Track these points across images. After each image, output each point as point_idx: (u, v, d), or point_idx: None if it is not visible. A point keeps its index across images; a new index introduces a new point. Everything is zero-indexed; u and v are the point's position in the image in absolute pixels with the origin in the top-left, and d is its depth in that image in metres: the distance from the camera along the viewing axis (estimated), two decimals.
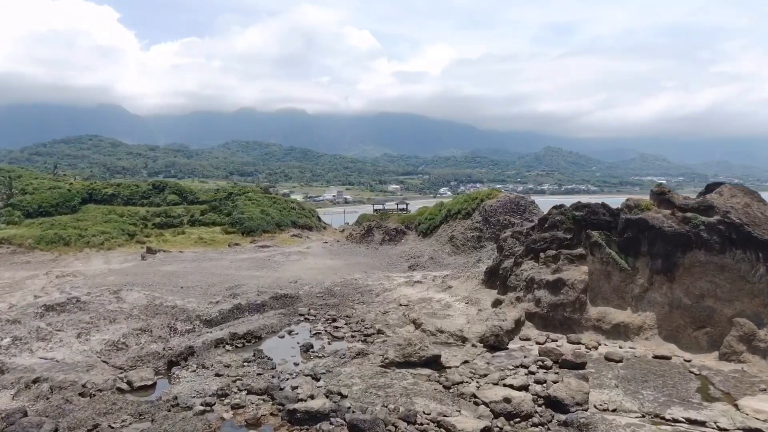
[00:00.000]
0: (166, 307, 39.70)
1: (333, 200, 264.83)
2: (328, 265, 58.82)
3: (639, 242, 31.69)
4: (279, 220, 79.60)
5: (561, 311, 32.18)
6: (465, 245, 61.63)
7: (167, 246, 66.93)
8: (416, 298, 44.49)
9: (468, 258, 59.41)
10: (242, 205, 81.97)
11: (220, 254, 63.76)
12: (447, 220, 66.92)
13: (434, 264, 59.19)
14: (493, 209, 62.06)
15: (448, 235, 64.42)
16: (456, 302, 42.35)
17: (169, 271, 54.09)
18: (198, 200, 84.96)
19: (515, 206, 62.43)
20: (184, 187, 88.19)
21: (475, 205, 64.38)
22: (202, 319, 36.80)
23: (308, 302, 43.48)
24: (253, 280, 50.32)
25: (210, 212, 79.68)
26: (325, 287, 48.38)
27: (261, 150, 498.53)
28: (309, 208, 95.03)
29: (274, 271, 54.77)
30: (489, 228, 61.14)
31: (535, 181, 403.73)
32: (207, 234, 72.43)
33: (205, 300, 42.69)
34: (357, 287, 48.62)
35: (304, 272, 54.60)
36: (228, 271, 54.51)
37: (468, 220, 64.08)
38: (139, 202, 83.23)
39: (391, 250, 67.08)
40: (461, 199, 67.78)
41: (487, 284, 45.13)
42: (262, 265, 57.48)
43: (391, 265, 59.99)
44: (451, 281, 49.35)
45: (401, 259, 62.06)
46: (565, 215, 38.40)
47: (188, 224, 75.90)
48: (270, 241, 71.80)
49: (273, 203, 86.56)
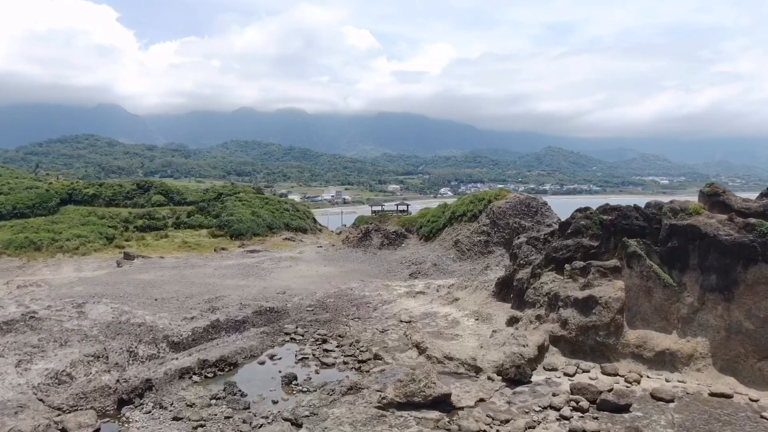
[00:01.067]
0: (132, 325, 34.52)
1: (332, 200, 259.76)
2: (321, 272, 53.64)
3: (687, 253, 26.51)
4: (271, 223, 74.41)
5: (593, 335, 26.99)
6: (471, 250, 56.47)
7: (148, 251, 61.71)
8: (419, 312, 39.33)
9: (474, 264, 54.28)
10: (232, 206, 76.77)
11: (205, 260, 58.55)
12: (451, 223, 61.74)
13: (438, 271, 54.04)
14: (502, 211, 56.89)
15: (452, 239, 59.25)
16: (464, 318, 37.20)
17: (145, 279, 48.91)
18: (185, 201, 79.74)
19: (526, 208, 57.28)
20: (170, 187, 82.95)
21: (482, 206, 59.21)
22: (171, 340, 31.60)
23: (296, 318, 38.30)
24: (237, 290, 45.17)
25: (197, 214, 74.47)
26: (317, 299, 43.21)
27: (260, 150, 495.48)
28: (303, 209, 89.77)
29: (262, 280, 49.57)
30: (497, 232, 55.98)
31: (537, 180, 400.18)
32: (192, 237, 67.20)
33: (180, 315, 37.55)
34: (352, 299, 43.46)
35: (295, 281, 49.43)
36: (210, 279, 49.32)
37: (474, 223, 58.90)
38: (122, 202, 78.02)
39: (390, 255, 61.90)
40: (466, 200, 62.58)
41: (499, 297, 40.01)
42: (248, 273, 52.29)
43: (390, 272, 54.83)
44: (457, 292, 44.21)
45: (401, 266, 56.87)
46: (590, 219, 33.24)
47: (173, 227, 70.68)
48: (260, 246, 66.57)
49: (265, 204, 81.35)
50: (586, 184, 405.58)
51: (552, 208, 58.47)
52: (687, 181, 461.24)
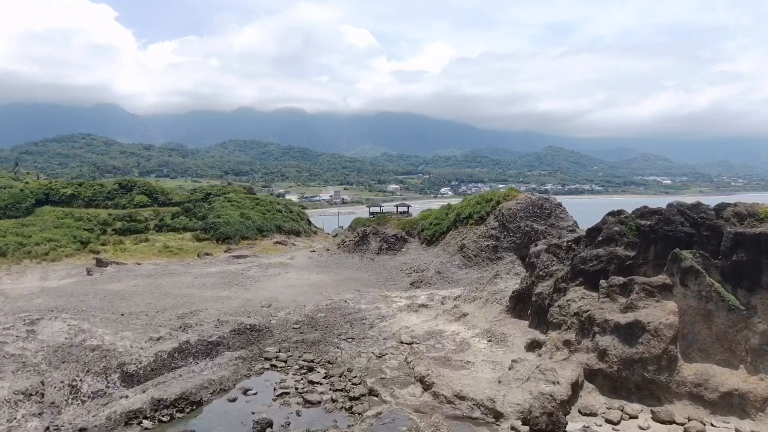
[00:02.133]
0: (85, 349, 29.32)
1: (330, 200, 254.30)
2: (312, 281, 48.42)
3: (758, 269, 21.38)
4: (261, 225, 69.18)
5: (639, 370, 21.80)
6: (478, 256, 51.27)
7: (125, 256, 56.51)
8: (422, 331, 34.16)
9: (482, 272, 49.09)
10: (219, 207, 71.54)
11: (185, 267, 53.28)
12: (456, 226, 56.55)
13: (442, 280, 48.84)
14: (512, 213, 51.67)
15: (457, 243, 54.04)
16: (475, 339, 32.02)
17: (115, 290, 43.70)
18: (170, 202, 74.47)
19: (538, 210, 52.07)
20: (154, 186, 77.66)
21: (490, 208, 54.01)
22: (125, 370, 26.38)
23: (280, 337, 33.09)
24: (217, 303, 39.99)
25: (182, 216, 69.21)
26: (306, 314, 38.02)
27: (258, 149, 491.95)
28: (297, 210, 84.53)
29: (245, 291, 44.36)
30: (507, 236, 50.78)
31: (538, 180, 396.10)
32: (174, 241, 61.96)
33: (145, 334, 32.38)
34: (346, 313, 38.28)
35: (283, 292, 44.23)
36: (188, 290, 44.09)
37: (481, 225, 53.69)
38: (102, 203, 72.74)
39: (389, 261, 56.69)
40: (472, 201, 57.33)
41: (514, 312, 34.83)
42: (231, 282, 47.07)
43: (389, 280, 49.63)
44: (464, 305, 39.04)
45: (402, 273, 51.67)
46: (625, 225, 28.09)
47: (154, 229, 65.42)
48: (248, 250, 61.37)
49: (256, 205, 76.11)
50: (588, 184, 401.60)
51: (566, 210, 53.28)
52: (689, 181, 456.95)
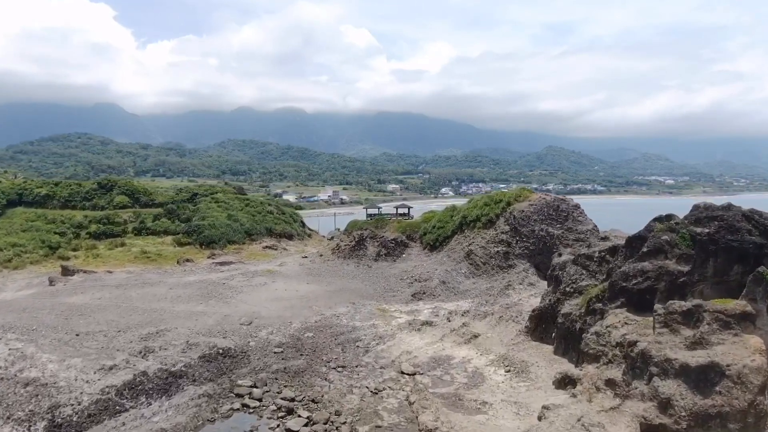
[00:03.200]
0: (17, 383, 24.04)
1: (328, 201, 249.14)
2: (302, 292, 43.12)
3: None
4: (250, 228, 63.89)
5: (718, 428, 16.52)
6: (487, 264, 45.94)
7: (96, 263, 51.23)
8: (426, 357, 28.89)
9: (492, 282, 43.83)
10: (205, 209, 66.23)
11: (161, 275, 47.93)
12: (462, 230, 51.23)
13: (447, 291, 43.56)
14: (525, 216, 46.33)
15: (463, 249, 48.72)
16: (491, 369, 26.73)
17: (75, 304, 38.43)
18: (153, 202, 69.11)
19: (554, 212, 46.73)
20: (136, 186, 72.27)
21: (500, 210, 48.66)
22: (57, 415, 21.12)
23: (258, 365, 27.83)
24: (190, 320, 34.73)
25: (164, 218, 63.91)
26: (291, 333, 32.75)
27: (257, 149, 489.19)
28: (290, 211, 79.14)
29: (225, 305, 39.06)
30: (520, 241, 45.46)
31: (539, 180, 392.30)
32: (154, 246, 56.64)
33: (98, 361, 27.10)
34: (338, 333, 33.01)
35: (267, 306, 38.95)
36: (159, 304, 38.81)
37: (490, 229, 48.35)
38: (79, 204, 67.42)
39: (388, 268, 51.37)
40: (480, 203, 51.95)
41: (535, 334, 29.58)
42: (210, 294, 41.77)
43: (388, 291, 44.35)
44: (475, 323, 33.79)
45: (402, 283, 46.38)
46: (676, 233, 22.85)
47: (133, 233, 60.09)
48: (234, 256, 56.07)
49: (245, 206, 70.79)
50: (590, 184, 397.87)
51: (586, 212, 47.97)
52: (691, 181, 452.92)
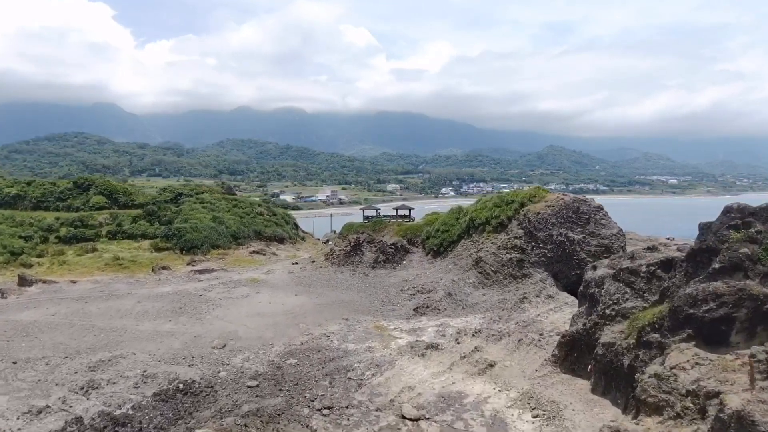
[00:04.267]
0: None
1: (326, 201, 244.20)
2: (289, 306, 37.78)
3: None
4: (237, 231, 58.56)
5: None
6: (499, 273, 40.64)
7: (61, 271, 45.89)
8: (432, 394, 23.52)
9: (505, 293, 38.57)
10: (188, 210, 60.90)
11: (131, 286, 42.54)
12: (469, 234, 45.92)
13: (454, 304, 38.27)
14: (542, 219, 40.99)
15: (471, 256, 43.41)
16: (514, 413, 21.38)
17: (24, 322, 33.15)
18: (132, 203, 63.84)
19: (574, 214, 41.43)
20: (115, 186, 66.91)
21: (512, 211, 43.32)
22: None
23: (226, 406, 22.44)
24: (153, 342, 29.45)
25: (143, 220, 58.60)
26: (271, 360, 27.44)
27: (256, 148, 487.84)
28: (282, 213, 73.77)
29: (197, 322, 33.73)
30: (536, 247, 40.13)
31: (540, 180, 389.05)
32: (128, 252, 51.27)
33: (28, 401, 21.93)
34: (326, 359, 27.69)
35: (247, 323, 33.64)
36: (122, 321, 33.51)
37: (501, 234, 43.02)
38: (52, 205, 62.26)
39: (387, 277, 46.03)
40: (489, 204, 46.52)
41: (565, 365, 24.30)
42: (183, 308, 36.45)
43: (386, 304, 39.04)
44: (489, 346, 28.53)
45: (402, 295, 41.07)
46: (758, 244, 17.57)
47: (107, 237, 54.72)
48: (217, 262, 50.73)
49: (233, 207, 65.47)
50: (593, 184, 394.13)
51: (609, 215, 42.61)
52: (694, 181, 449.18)
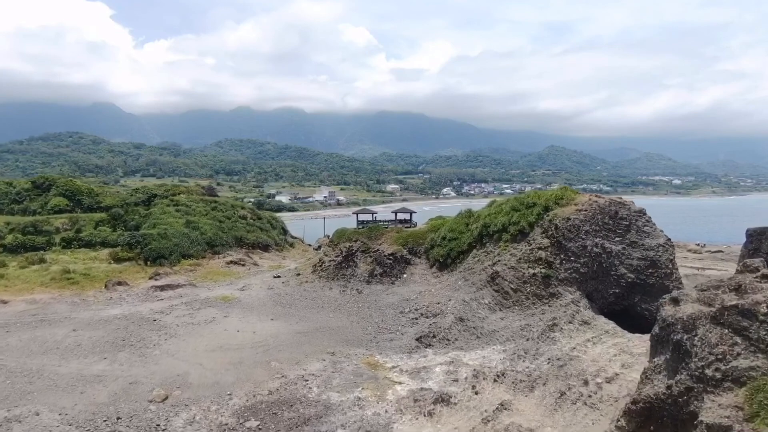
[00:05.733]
0: None
1: (324, 202, 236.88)
2: (261, 335, 30.32)
3: None
4: (213, 238, 51.16)
5: None
6: (520, 291, 33.21)
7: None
8: None
9: (528, 317, 31.19)
10: (159, 213, 53.50)
11: (73, 308, 35.07)
12: (482, 243, 38.48)
13: (467, 332, 30.89)
14: (572, 226, 33.55)
15: (486, 270, 35.97)
16: None
17: None
18: (98, 206, 56.48)
19: (610, 220, 34.02)
20: (79, 187, 59.53)
21: (534, 217, 35.82)
22: None
23: None
24: (72, 392, 22.04)
25: (107, 225, 51.20)
26: (224, 422, 20.03)
27: (255, 148, 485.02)
28: (268, 216, 66.26)
29: (140, 360, 26.28)
30: (566, 261, 32.70)
31: (543, 180, 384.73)
32: (82, 263, 43.85)
33: None
34: (300, 419, 20.28)
35: (204, 360, 26.21)
36: (41, 359, 26.07)
37: (522, 243, 35.58)
38: (7, 208, 54.90)
39: (384, 294, 38.57)
40: (505, 207, 38.97)
41: None
42: (128, 339, 29.00)
43: (382, 331, 31.64)
44: (518, 399, 21.27)
45: (402, 319, 33.65)
46: None
47: (61, 245, 47.27)
48: (185, 275, 43.27)
49: (212, 210, 58.08)
50: (596, 184, 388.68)
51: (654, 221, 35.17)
52: (697, 181, 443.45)
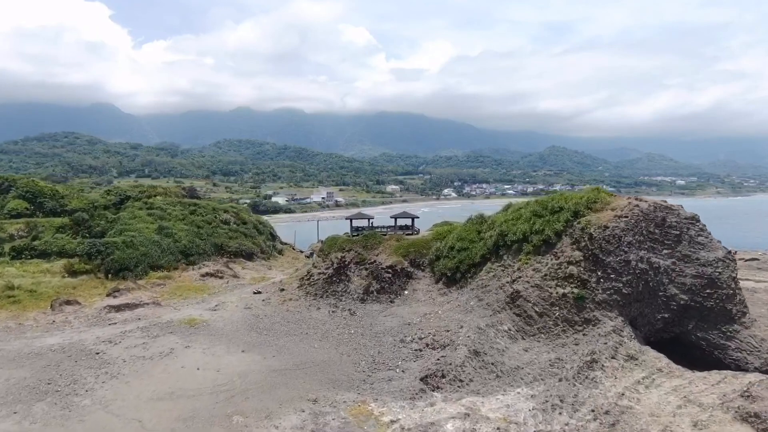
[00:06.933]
0: None
1: (322, 203, 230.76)
2: (225, 375, 24.10)
3: None
4: (188, 246, 45.02)
5: None
6: (547, 315, 27.03)
7: None
8: None
9: (558, 349, 25.06)
10: (128, 218, 47.36)
11: (2, 336, 28.91)
12: (498, 255, 32.26)
13: (484, 369, 24.70)
14: (612, 237, 27.36)
15: (504, 288, 29.74)
16: None
17: None
18: (62, 209, 50.38)
19: (657, 229, 27.88)
20: (42, 188, 53.43)
21: (562, 224, 29.55)
22: None
23: None
24: None
25: (69, 231, 45.08)
26: None
27: (253, 149, 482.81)
28: (254, 221, 60.09)
29: (60, 416, 20.03)
30: (605, 279, 26.54)
31: (545, 181, 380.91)
32: (31, 276, 37.68)
33: None
34: None
35: (144, 416, 19.99)
36: None
37: (548, 256, 29.33)
38: None
39: (381, 316, 32.34)
40: (526, 212, 32.70)
41: None
42: (53, 383, 22.81)
43: (378, 368, 25.44)
44: None
45: (404, 350, 27.44)
46: None
47: (11, 255, 41.06)
48: (151, 290, 37.08)
49: (190, 214, 51.95)
50: (599, 185, 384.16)
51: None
52: (700, 181, 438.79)
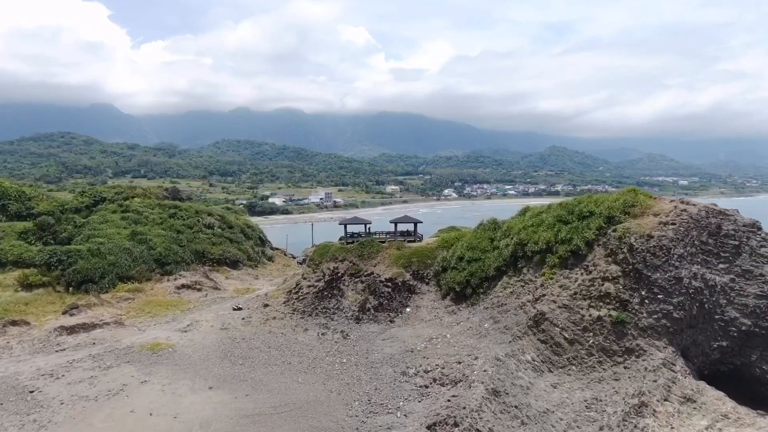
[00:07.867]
0: None
1: (320, 204, 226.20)
2: (185, 422, 19.31)
3: None
4: (164, 254, 40.27)
5: None
6: (579, 343, 22.30)
7: None
8: None
9: (593, 385, 20.39)
10: (98, 222, 42.61)
11: None
12: (516, 267, 27.47)
13: (504, 412, 19.99)
14: (658, 248, 22.63)
15: (524, 308, 24.98)
16: None
17: None
18: (29, 212, 45.68)
19: (711, 238, 23.22)
20: (8, 189, 48.67)
21: (593, 232, 24.78)
22: None
23: None
24: None
25: (32, 237, 40.33)
26: None
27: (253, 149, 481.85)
28: (241, 224, 55.34)
29: None
30: (649, 300, 21.83)
31: (546, 181, 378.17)
32: None
33: None
34: None
35: None
36: None
37: (576, 270, 24.57)
38: None
39: (379, 341, 27.56)
40: (548, 217, 27.74)
41: None
42: None
43: (374, 411, 20.69)
44: None
45: (405, 386, 22.70)
46: None
47: None
48: (115, 307, 32.33)
49: (170, 217, 47.27)
50: (600, 185, 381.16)
51: None
52: (702, 182, 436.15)
